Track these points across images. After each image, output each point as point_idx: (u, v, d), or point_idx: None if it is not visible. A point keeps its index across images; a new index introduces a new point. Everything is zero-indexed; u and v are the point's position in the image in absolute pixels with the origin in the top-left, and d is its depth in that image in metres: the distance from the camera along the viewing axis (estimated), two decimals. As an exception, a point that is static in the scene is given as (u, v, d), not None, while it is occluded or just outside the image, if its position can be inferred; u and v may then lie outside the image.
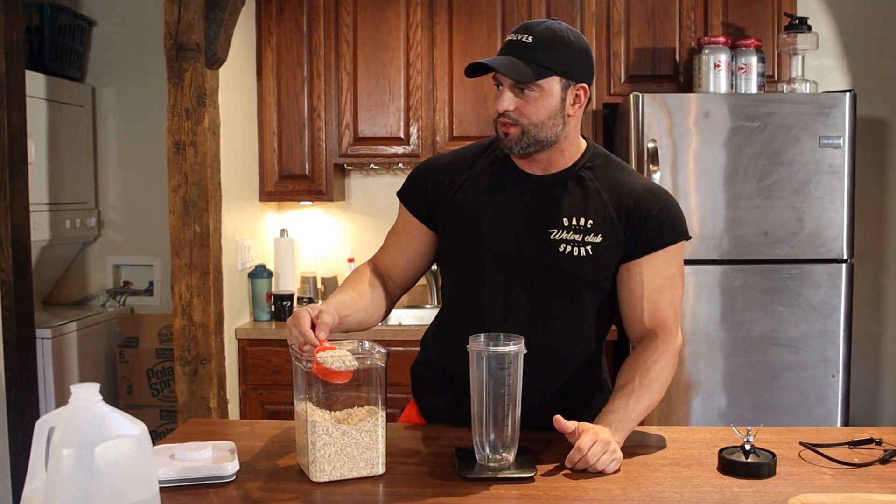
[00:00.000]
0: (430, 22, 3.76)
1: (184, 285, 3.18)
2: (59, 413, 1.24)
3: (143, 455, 1.25)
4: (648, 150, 3.19)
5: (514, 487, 1.56)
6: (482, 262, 1.85)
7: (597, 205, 1.83)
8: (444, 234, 1.94)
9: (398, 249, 2.00)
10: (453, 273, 1.96)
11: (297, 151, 3.83)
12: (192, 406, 3.20)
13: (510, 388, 1.58)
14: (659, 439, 1.88)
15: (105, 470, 1.19)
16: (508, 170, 1.89)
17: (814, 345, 3.27)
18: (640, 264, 1.84)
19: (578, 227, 1.81)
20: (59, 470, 1.18)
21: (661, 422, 3.27)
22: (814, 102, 3.25)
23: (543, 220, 1.83)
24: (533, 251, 1.82)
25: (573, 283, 1.84)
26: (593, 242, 1.81)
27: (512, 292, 1.84)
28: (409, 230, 1.99)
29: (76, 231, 4.12)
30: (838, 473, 1.63)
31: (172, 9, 3.11)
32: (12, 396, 3.46)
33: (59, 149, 3.98)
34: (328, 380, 1.58)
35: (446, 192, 1.91)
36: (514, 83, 1.75)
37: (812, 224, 3.25)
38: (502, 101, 1.77)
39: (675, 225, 1.85)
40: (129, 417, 1.27)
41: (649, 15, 3.73)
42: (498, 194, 1.87)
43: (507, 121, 1.78)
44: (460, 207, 1.89)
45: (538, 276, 1.83)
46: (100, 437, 1.20)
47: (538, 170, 1.87)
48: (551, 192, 1.85)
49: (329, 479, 1.58)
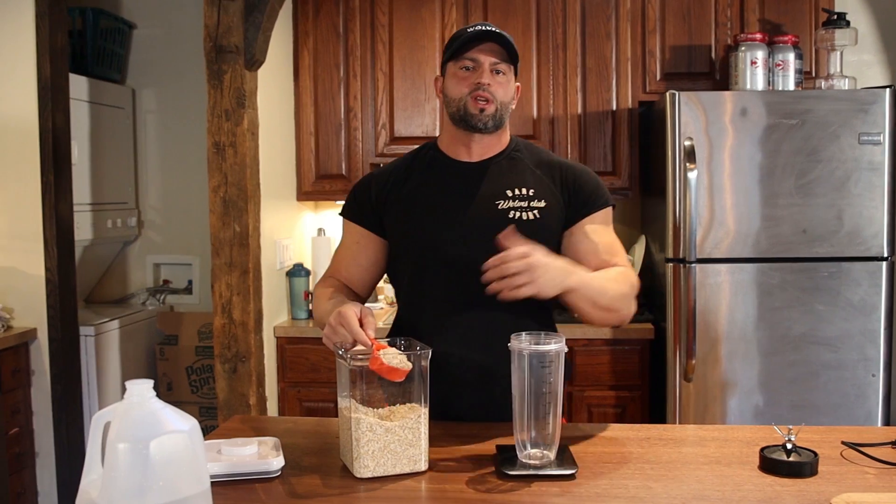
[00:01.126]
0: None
1: (224, 284, 3.22)
2: (115, 408, 1.27)
3: (195, 450, 1.28)
4: (685, 149, 3.18)
5: (556, 484, 1.57)
6: (439, 247, 1.96)
7: (533, 177, 2.01)
8: (396, 233, 2.04)
9: (352, 262, 2.10)
10: (411, 267, 2.03)
11: (333, 151, 3.87)
12: (232, 403, 3.24)
13: (551, 385, 1.60)
14: (699, 437, 1.88)
15: (159, 464, 1.22)
16: (444, 163, 2.05)
17: (853, 344, 3.24)
18: (582, 227, 1.99)
19: (522, 195, 1.97)
20: (116, 464, 1.21)
21: (698, 420, 3.27)
22: (853, 99, 3.22)
23: (489, 195, 1.98)
24: (485, 223, 1.93)
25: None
26: (539, 207, 1.97)
27: (472, 270, 1.87)
28: (358, 241, 2.09)
29: (117, 230, 4.19)
30: (881, 473, 1.62)
31: (212, 12, 3.15)
32: (57, 393, 3.53)
33: (101, 150, 4.06)
34: (388, 378, 1.61)
35: (390, 195, 2.04)
36: (492, 63, 1.92)
37: (851, 221, 3.22)
38: (485, 75, 1.92)
39: (604, 189, 2.04)
40: (180, 413, 1.30)
41: (685, 12, 3.72)
42: (441, 184, 2.02)
43: (486, 95, 1.92)
44: (407, 204, 2.02)
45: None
46: (154, 432, 1.23)
47: (475, 156, 2.02)
48: (490, 172, 2.01)
49: (373, 475, 1.61)
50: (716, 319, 3.25)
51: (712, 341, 3.26)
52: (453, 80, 1.97)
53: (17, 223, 3.49)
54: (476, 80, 1.92)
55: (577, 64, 3.75)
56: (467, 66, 1.94)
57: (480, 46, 1.93)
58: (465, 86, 1.94)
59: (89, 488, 1.29)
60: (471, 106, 1.93)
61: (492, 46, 1.93)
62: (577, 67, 3.75)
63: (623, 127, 3.75)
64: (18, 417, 3.45)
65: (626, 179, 3.77)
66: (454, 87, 1.96)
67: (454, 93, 1.96)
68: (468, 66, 1.94)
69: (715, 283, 3.25)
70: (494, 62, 1.93)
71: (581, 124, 3.77)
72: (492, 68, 1.93)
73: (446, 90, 2.00)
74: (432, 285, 1.98)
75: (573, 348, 3.45)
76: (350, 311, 1.68)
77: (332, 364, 3.61)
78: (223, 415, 3.24)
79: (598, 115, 3.76)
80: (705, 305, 3.25)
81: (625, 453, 1.75)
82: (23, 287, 3.50)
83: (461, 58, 1.94)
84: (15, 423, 3.42)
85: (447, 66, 2.00)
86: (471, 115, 1.94)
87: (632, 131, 3.76)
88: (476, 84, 1.92)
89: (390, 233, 2.05)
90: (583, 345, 3.48)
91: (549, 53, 3.76)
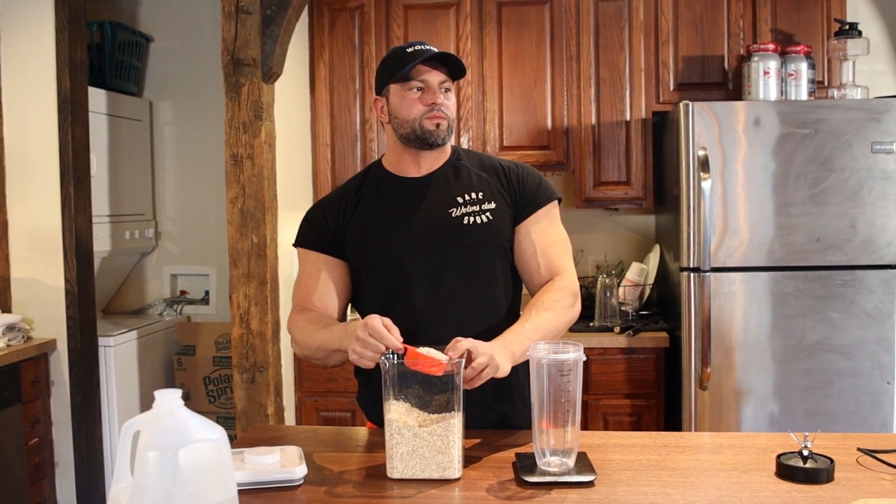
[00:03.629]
0: (480, 34, 3.81)
1: (241, 294, 3.26)
2: (144, 417, 1.30)
3: (223, 458, 1.31)
4: (699, 159, 3.20)
5: (575, 491, 1.59)
6: (400, 263, 2.00)
7: (478, 181, 2.07)
8: (356, 257, 2.07)
9: (322, 289, 2.09)
10: (374, 288, 2.06)
11: (349, 162, 3.90)
12: (250, 413, 3.27)
13: (570, 394, 1.62)
14: (716, 445, 1.90)
15: (188, 472, 1.25)
16: (393, 182, 2.09)
17: (868, 351, 3.25)
18: (527, 226, 2.04)
19: (473, 200, 2.03)
20: (146, 472, 1.24)
21: (713, 428, 3.28)
22: (865, 108, 3.24)
23: (441, 205, 2.03)
24: (441, 233, 2.00)
25: (485, 251, 2.02)
26: (490, 209, 2.02)
27: (435, 278, 1.99)
28: (323, 267, 2.09)
29: (135, 242, 4.23)
30: (897, 479, 1.64)
31: (229, 25, 3.20)
32: (76, 403, 3.57)
33: (119, 162, 4.10)
34: (427, 372, 1.65)
35: (345, 217, 2.07)
36: (441, 82, 1.99)
37: (865, 230, 3.23)
38: (438, 95, 1.98)
39: (547, 186, 2.09)
40: (207, 422, 1.33)
41: (697, 23, 3.74)
42: (393, 202, 2.06)
43: (440, 114, 1.98)
44: (362, 227, 2.05)
45: (453, 255, 2.00)
46: (182, 440, 1.26)
47: (423, 171, 2.07)
48: (438, 184, 2.06)
49: (401, 476, 1.65)
50: (730, 328, 3.27)
51: (727, 349, 3.27)
52: (404, 101, 1.99)
53: (36, 235, 3.53)
54: (431, 101, 1.97)
55: (590, 75, 3.78)
56: (418, 87, 1.98)
57: (428, 68, 1.97)
58: (419, 107, 1.97)
59: (119, 496, 1.32)
60: (427, 124, 1.97)
61: (437, 66, 1.99)
62: (590, 78, 3.78)
63: (637, 137, 3.77)
64: (38, 428, 3.48)
65: (640, 189, 3.79)
66: (406, 109, 1.99)
67: (406, 114, 1.99)
68: (419, 87, 1.98)
69: (729, 291, 3.26)
70: (442, 81, 1.99)
71: (595, 135, 3.79)
72: (440, 87, 1.99)
73: (395, 111, 2.01)
74: (398, 302, 2.00)
75: (589, 357, 3.46)
76: (377, 322, 1.71)
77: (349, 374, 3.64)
78: (241, 425, 3.27)
79: (612, 125, 3.78)
80: (720, 314, 3.26)
81: (642, 460, 1.77)
82: (42, 298, 3.55)
83: (410, 80, 1.98)
84: (34, 433, 3.46)
85: (390, 87, 2.02)
86: (428, 132, 1.98)
87: (645, 141, 3.78)
88: (431, 104, 1.97)
89: (351, 257, 2.07)
90: (598, 354, 3.49)
91: (563, 64, 3.79)
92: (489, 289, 2.03)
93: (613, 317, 3.66)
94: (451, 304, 1.99)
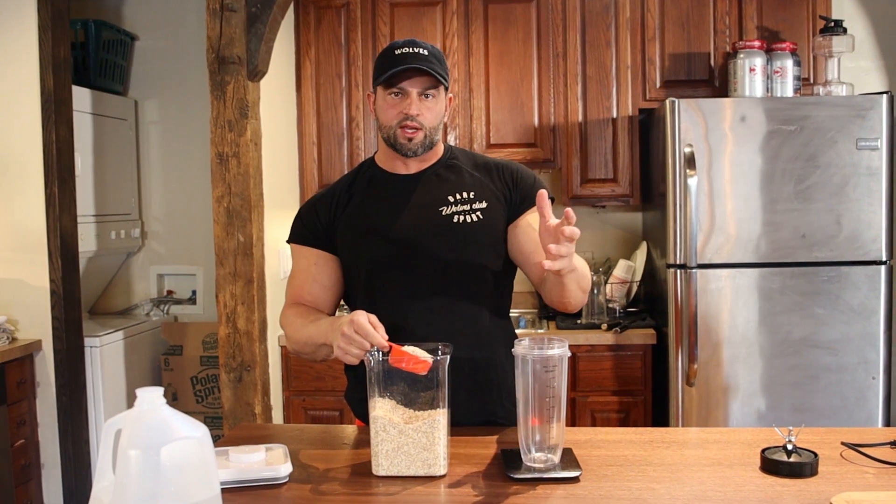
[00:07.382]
0: (466, 31, 3.81)
1: (228, 294, 3.24)
2: (126, 415, 1.29)
3: (205, 456, 1.30)
4: (685, 155, 3.21)
5: (560, 487, 1.59)
6: (390, 257, 2.00)
7: (471, 179, 2.06)
8: (347, 252, 2.07)
9: (314, 283, 2.10)
10: (364, 283, 2.05)
11: (336, 161, 3.90)
12: (238, 412, 3.26)
13: (555, 390, 1.62)
14: (701, 440, 1.90)
15: (170, 470, 1.25)
16: (384, 179, 2.08)
17: (853, 347, 3.26)
18: (526, 219, 2.02)
19: (464, 199, 2.02)
20: (127, 470, 1.24)
21: (700, 424, 3.29)
22: (850, 105, 3.25)
23: (432, 203, 2.02)
24: (431, 231, 1.99)
25: (475, 249, 2.00)
26: (481, 208, 2.01)
27: (424, 276, 1.98)
28: (316, 262, 2.10)
29: (121, 242, 4.21)
30: (881, 472, 1.64)
31: (214, 23, 3.18)
32: (62, 404, 3.55)
33: (104, 161, 4.08)
34: (412, 371, 1.64)
35: (336, 213, 2.07)
36: (420, 90, 1.94)
37: (850, 226, 3.25)
38: (413, 105, 1.94)
39: (541, 184, 2.07)
40: (190, 420, 1.32)
41: (684, 20, 3.75)
42: (384, 199, 2.05)
43: (414, 125, 1.95)
44: (353, 223, 2.05)
45: (443, 252, 1.98)
46: (165, 438, 1.26)
47: (413, 168, 2.06)
48: (430, 181, 2.06)
49: (387, 473, 1.65)
50: (717, 324, 3.27)
51: (714, 346, 3.28)
52: (383, 104, 1.98)
53: (21, 235, 3.51)
54: (404, 111, 1.94)
55: (577, 72, 3.78)
56: (396, 93, 1.96)
57: (408, 75, 1.93)
58: (394, 115, 1.96)
59: (101, 494, 1.31)
60: (399, 136, 1.96)
61: (419, 73, 1.93)
62: (577, 76, 3.78)
63: (623, 134, 3.78)
64: (24, 429, 3.46)
65: (627, 186, 3.79)
66: (384, 113, 1.98)
67: (384, 119, 1.98)
68: (396, 93, 1.96)
69: (716, 288, 3.27)
70: (425, 88, 1.95)
71: (582, 132, 3.79)
72: (420, 94, 1.95)
73: (378, 112, 2.01)
74: (385, 299, 2.00)
75: (576, 354, 3.47)
76: (362, 318, 1.70)
77: (337, 373, 3.64)
78: (229, 424, 3.26)
79: (599, 122, 3.79)
80: (706, 310, 3.27)
81: (628, 456, 1.77)
82: (27, 299, 3.52)
83: (390, 85, 1.95)
84: (20, 434, 3.44)
85: (377, 87, 2.00)
86: (400, 144, 1.97)
87: (632, 139, 3.79)
88: (403, 115, 1.94)
89: (342, 252, 2.08)
90: (585, 351, 3.50)
91: (549, 62, 3.79)
92: (478, 288, 2.02)
93: (601, 314, 3.66)
94: (439, 303, 1.98)
